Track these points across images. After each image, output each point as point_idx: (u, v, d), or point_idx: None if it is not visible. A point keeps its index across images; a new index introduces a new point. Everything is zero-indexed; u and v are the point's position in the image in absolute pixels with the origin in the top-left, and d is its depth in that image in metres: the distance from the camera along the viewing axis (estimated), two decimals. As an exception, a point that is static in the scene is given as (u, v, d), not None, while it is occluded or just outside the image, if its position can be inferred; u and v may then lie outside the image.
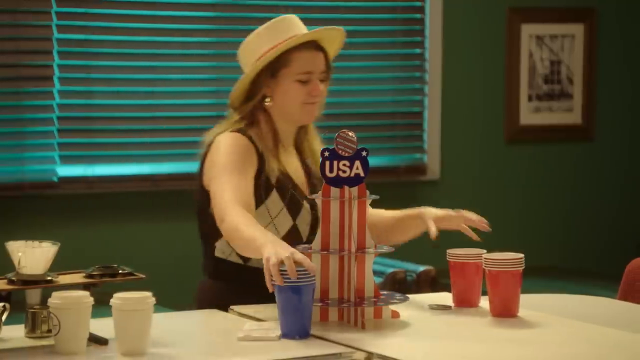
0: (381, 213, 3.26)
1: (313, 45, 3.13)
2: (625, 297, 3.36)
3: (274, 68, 3.12)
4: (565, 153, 5.96)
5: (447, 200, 5.80)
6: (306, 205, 3.10)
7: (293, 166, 3.18)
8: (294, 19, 3.20)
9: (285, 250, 2.66)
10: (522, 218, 5.91)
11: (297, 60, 3.11)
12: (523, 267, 2.95)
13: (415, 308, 2.99)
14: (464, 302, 3.02)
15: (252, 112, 3.16)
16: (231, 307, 2.98)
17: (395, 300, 2.86)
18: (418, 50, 5.70)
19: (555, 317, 2.94)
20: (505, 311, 2.91)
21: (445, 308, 3.02)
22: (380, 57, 5.63)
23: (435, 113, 5.71)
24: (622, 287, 3.41)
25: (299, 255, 2.65)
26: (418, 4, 5.67)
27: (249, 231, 2.82)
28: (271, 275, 2.62)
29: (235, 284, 3.09)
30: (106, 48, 5.18)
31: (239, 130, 3.14)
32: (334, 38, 3.17)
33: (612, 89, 5.99)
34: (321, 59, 3.13)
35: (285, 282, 2.62)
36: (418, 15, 5.68)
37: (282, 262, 2.62)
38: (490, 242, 6.25)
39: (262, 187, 3.09)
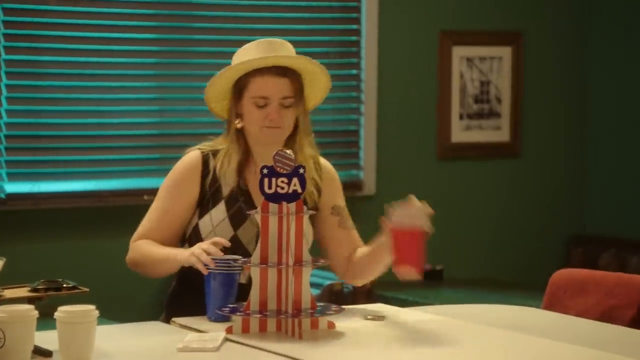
0: (363, 251, 3.23)
1: (275, 71, 3.10)
2: (549, 307, 3.40)
3: (239, 88, 3.12)
4: (493, 169, 6.00)
5: (383, 214, 5.83)
6: (254, 219, 3.10)
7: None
8: (275, 43, 3.18)
9: (200, 244, 2.96)
10: (454, 231, 5.94)
11: (253, 83, 3.10)
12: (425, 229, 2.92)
13: (351, 319, 3.00)
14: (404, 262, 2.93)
15: (232, 129, 3.17)
16: (173, 319, 2.96)
17: (331, 312, 2.87)
18: (354, 72, 5.72)
19: (483, 327, 2.96)
20: (407, 267, 2.89)
21: (379, 318, 3.03)
22: (318, 77, 5.64)
23: (371, 131, 5.74)
24: (546, 298, 3.44)
25: (213, 248, 2.94)
26: (354, 27, 5.70)
27: (159, 250, 3.08)
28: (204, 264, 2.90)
29: (200, 290, 3.07)
30: (52, 69, 5.14)
31: (203, 147, 3.19)
32: (302, 66, 3.12)
33: (537, 108, 6.06)
34: (282, 85, 3.08)
35: (218, 269, 2.89)
36: (354, 38, 5.70)
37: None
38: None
39: (211, 198, 3.12)
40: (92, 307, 2.51)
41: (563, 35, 6.10)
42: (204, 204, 3.13)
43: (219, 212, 3.11)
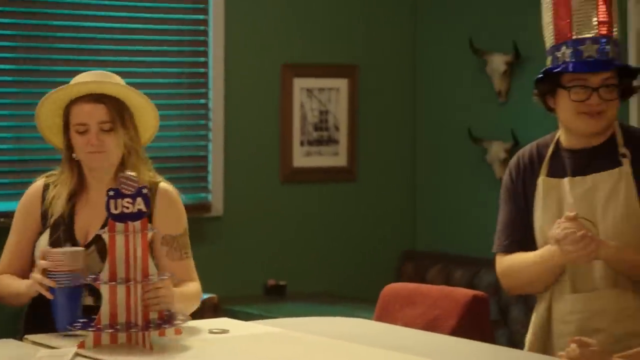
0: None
1: (91, 98, 3.07)
2: (380, 318, 3.44)
3: (66, 120, 3.10)
4: (332, 191, 6.06)
5: (230, 234, 5.84)
6: (68, 245, 3.07)
7: (92, 210, 3.13)
8: (98, 74, 3.14)
9: (33, 274, 2.91)
10: (296, 249, 5.98)
11: (72, 112, 3.09)
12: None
13: (197, 332, 2.99)
14: None
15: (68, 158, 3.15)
16: (26, 336, 2.90)
17: (178, 322, 2.86)
18: (203, 101, 5.72)
19: (318, 337, 2.98)
20: None
21: (223, 332, 3.03)
22: (169, 106, 5.62)
23: (218, 156, 5.73)
24: (377, 309, 3.48)
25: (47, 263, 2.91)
26: (202, 59, 5.70)
27: (11, 284, 3.07)
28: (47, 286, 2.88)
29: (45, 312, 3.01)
30: None
31: (49, 175, 3.19)
32: (108, 90, 3.09)
33: (371, 135, 6.15)
34: (99, 111, 3.06)
35: (59, 285, 2.87)
36: (202, 70, 5.70)
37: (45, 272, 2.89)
38: (266, 271, 6.31)
39: (43, 225, 3.10)
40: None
41: (394, 67, 6.21)
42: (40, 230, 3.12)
43: (44, 238, 3.09)
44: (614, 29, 2.97)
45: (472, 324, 3.27)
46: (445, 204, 6.13)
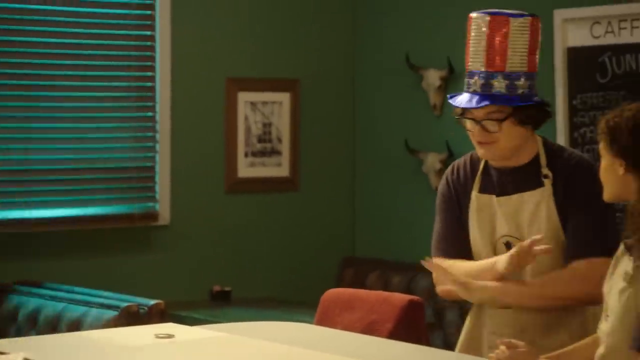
0: None
1: None
2: (320, 322, 3.45)
3: None
4: (275, 201, 6.08)
5: (177, 242, 5.83)
6: None
7: None
8: None
9: None
10: (241, 256, 5.98)
11: None
12: None
13: (143, 337, 2.99)
14: None
15: None
16: (-23, 342, 2.89)
17: None
18: (150, 114, 5.70)
19: (259, 341, 2.99)
20: None
21: (169, 336, 3.03)
22: (117, 119, 5.60)
23: (165, 167, 5.72)
24: (317, 314, 3.49)
25: None
26: (149, 73, 5.68)
27: None
28: None
29: None
30: None
31: None
32: None
33: (312, 147, 6.17)
34: None
35: None
36: (149, 83, 5.69)
37: None
38: (212, 277, 6.31)
39: None
40: None
41: (334, 81, 6.24)
42: None
43: None
44: (509, 63, 2.92)
45: (409, 328, 3.29)
46: (384, 212, 6.17)
